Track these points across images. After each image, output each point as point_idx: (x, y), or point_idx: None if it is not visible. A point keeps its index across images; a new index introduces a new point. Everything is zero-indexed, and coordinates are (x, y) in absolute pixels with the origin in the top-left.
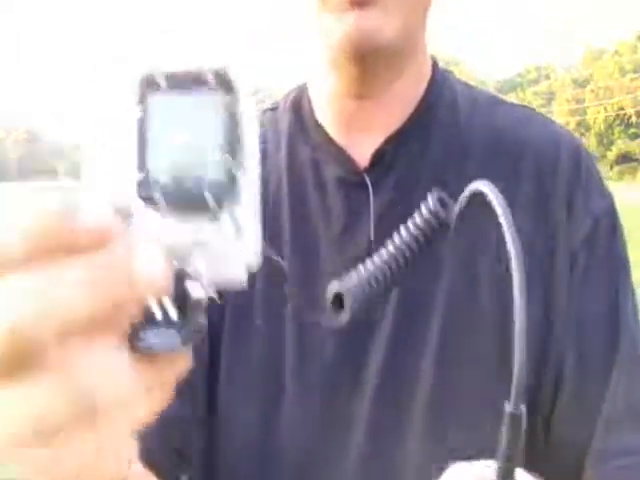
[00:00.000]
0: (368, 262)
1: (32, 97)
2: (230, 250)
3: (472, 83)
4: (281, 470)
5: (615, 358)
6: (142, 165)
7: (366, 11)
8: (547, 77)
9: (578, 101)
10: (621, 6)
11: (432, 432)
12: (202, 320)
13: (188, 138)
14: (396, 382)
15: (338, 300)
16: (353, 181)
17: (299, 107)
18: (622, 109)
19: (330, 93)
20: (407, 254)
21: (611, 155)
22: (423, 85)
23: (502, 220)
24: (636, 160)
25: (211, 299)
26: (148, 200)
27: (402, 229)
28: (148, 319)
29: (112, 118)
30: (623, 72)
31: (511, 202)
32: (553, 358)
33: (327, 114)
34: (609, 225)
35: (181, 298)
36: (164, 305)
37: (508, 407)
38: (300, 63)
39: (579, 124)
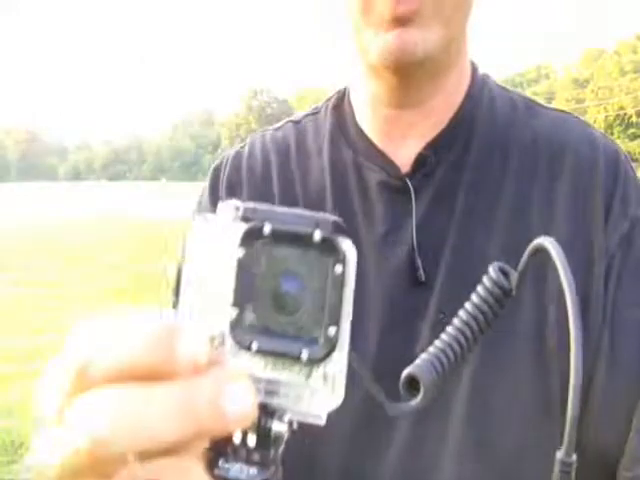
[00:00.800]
0: (436, 341)
1: (33, 97)
2: (316, 394)
3: None
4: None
5: None
6: (238, 304)
7: (407, 28)
8: (547, 77)
9: (578, 101)
10: (621, 6)
11: (468, 447)
12: (280, 452)
13: (290, 292)
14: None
15: (411, 383)
16: (395, 186)
17: (341, 111)
18: (622, 109)
19: (371, 101)
20: (475, 328)
21: None
22: (463, 90)
23: (563, 280)
24: (636, 160)
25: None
26: (241, 344)
27: (467, 304)
28: (230, 448)
29: (214, 252)
30: (623, 72)
31: (550, 204)
32: (586, 358)
33: (368, 120)
34: None
35: (264, 431)
36: (246, 437)
37: (560, 454)
38: (301, 65)
39: None
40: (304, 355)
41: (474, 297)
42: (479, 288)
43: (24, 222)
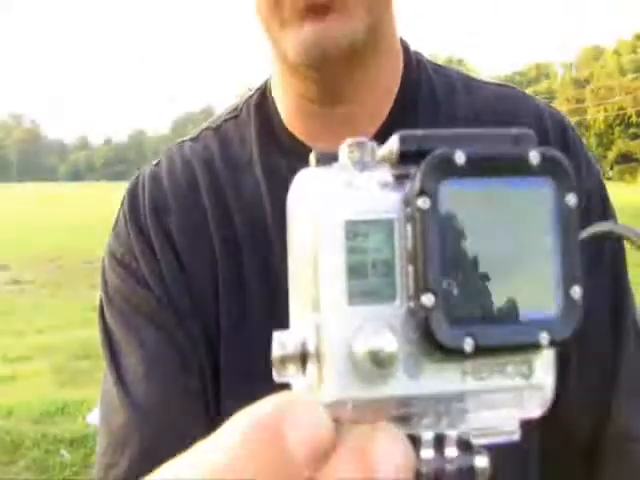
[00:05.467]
0: None
1: (33, 97)
2: (521, 401)
3: None
4: None
5: (620, 333)
6: (424, 287)
7: (325, 20)
8: (547, 76)
9: (578, 101)
10: (621, 6)
11: None
12: None
13: (506, 250)
14: None
15: None
16: None
17: (265, 111)
18: (622, 109)
19: (295, 100)
20: None
21: (611, 155)
22: (398, 74)
23: None
24: (636, 160)
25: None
26: (444, 349)
27: None
28: None
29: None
30: (623, 72)
31: None
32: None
33: (295, 120)
34: (601, 198)
35: (465, 474)
36: None
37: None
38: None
39: (579, 124)
40: (544, 339)
41: None
42: None
43: (24, 222)
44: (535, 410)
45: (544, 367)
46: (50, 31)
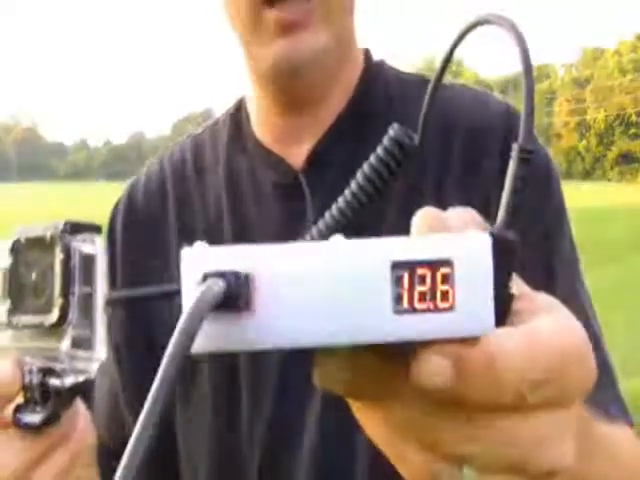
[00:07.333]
0: (334, 206)
1: (32, 97)
2: (80, 352)
3: (472, 83)
4: (241, 470)
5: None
6: (10, 297)
7: (296, 35)
8: (547, 77)
9: (578, 101)
10: (621, 6)
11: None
12: (61, 403)
13: (34, 282)
14: None
15: None
16: (290, 184)
17: (237, 120)
18: (622, 109)
19: (262, 109)
20: (369, 190)
21: (611, 155)
22: (354, 82)
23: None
24: (636, 160)
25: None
26: (12, 326)
27: (364, 165)
28: (26, 404)
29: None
30: (623, 72)
31: (444, 176)
32: None
33: (261, 127)
34: (542, 175)
35: (44, 388)
36: (34, 395)
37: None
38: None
39: (579, 124)
40: (45, 321)
41: (372, 158)
42: (378, 148)
43: (24, 222)
44: (85, 364)
45: (70, 338)
46: (51, 32)
